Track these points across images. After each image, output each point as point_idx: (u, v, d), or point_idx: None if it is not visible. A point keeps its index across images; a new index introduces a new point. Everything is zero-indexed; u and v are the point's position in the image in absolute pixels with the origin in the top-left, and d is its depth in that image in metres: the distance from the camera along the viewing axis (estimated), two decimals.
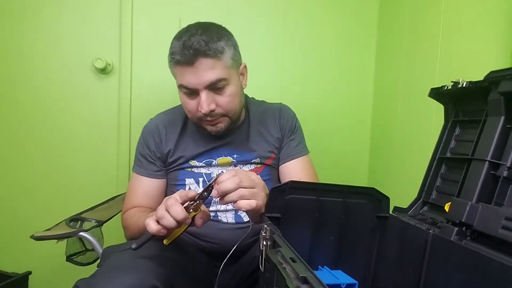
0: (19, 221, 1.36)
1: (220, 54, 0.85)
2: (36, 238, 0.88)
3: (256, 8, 1.42)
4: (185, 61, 0.84)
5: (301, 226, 0.69)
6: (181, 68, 0.86)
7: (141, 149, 1.02)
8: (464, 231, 0.55)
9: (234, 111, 0.93)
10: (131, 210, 0.97)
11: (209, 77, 0.85)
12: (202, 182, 0.97)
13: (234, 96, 0.91)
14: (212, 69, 0.85)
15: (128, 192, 1.03)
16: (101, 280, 0.64)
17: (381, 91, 1.47)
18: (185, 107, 0.93)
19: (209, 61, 0.84)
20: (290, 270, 0.42)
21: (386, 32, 1.45)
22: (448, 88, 0.67)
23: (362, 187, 0.71)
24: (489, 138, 0.58)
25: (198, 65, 0.84)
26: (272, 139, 1.03)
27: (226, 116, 0.92)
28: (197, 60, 0.83)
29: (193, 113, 0.91)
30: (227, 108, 0.90)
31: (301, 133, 1.08)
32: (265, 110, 1.07)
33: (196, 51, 0.83)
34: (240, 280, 0.91)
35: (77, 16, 1.33)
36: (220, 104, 0.89)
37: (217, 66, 0.85)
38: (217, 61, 0.85)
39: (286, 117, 1.06)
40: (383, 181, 1.43)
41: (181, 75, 0.87)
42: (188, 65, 0.84)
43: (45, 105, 1.34)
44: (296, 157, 1.03)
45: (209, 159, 0.98)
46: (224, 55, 0.86)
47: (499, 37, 0.88)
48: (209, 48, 0.83)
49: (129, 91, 1.36)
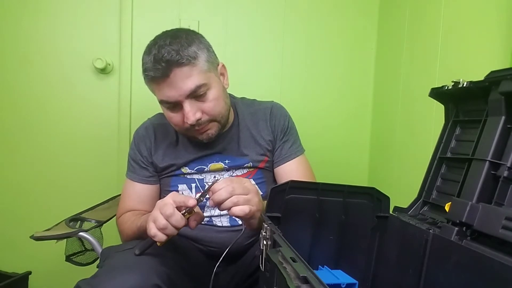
0: (19, 221, 1.36)
1: (193, 60, 0.82)
2: (36, 238, 0.88)
3: (256, 8, 1.42)
4: (160, 76, 0.81)
5: (301, 226, 0.69)
6: (157, 84, 0.83)
7: (133, 155, 1.00)
8: (464, 231, 0.55)
9: (222, 114, 0.90)
10: (125, 215, 0.96)
11: (187, 86, 0.82)
12: (195, 187, 0.96)
13: (218, 100, 0.88)
14: (188, 77, 0.82)
15: (122, 197, 1.02)
16: (103, 280, 0.63)
17: (381, 91, 1.47)
18: (171, 121, 0.90)
19: (184, 70, 0.81)
20: (290, 270, 0.42)
21: (386, 32, 1.45)
22: (449, 88, 0.67)
23: (362, 187, 0.71)
24: (489, 138, 0.58)
25: (173, 76, 0.81)
26: (264, 142, 1.00)
27: (214, 121, 0.90)
28: (172, 71, 0.80)
29: (180, 125, 0.89)
30: (213, 113, 0.88)
31: (294, 132, 1.05)
32: (255, 111, 1.03)
33: (168, 62, 0.79)
34: (240, 281, 0.91)
35: (77, 16, 1.33)
36: (206, 110, 0.86)
37: (194, 73, 0.82)
38: (192, 67, 0.82)
39: (278, 117, 1.02)
40: (383, 181, 1.43)
41: (159, 90, 0.84)
42: (163, 78, 0.81)
43: (45, 105, 1.34)
44: (291, 159, 1.01)
45: (201, 166, 0.97)
46: (198, 60, 0.83)
47: (499, 37, 0.88)
48: (181, 56, 0.80)
49: (129, 91, 1.35)
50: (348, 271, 0.68)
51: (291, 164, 1.01)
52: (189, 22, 1.36)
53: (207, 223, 0.94)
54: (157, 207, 0.70)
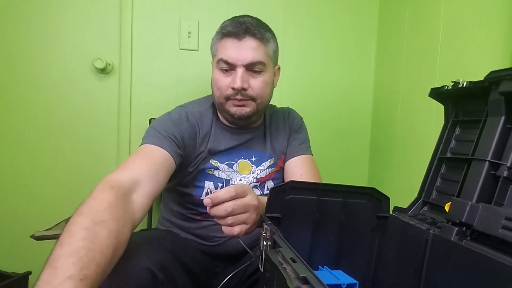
0: (19, 221, 1.36)
1: (266, 41, 0.89)
2: (36, 238, 0.88)
3: (256, 9, 1.41)
4: (235, 33, 0.86)
5: (301, 226, 0.69)
6: (228, 41, 0.88)
7: (169, 126, 0.86)
8: (464, 231, 0.55)
9: (263, 99, 0.93)
10: (108, 188, 0.63)
11: (251, 56, 0.87)
12: (220, 188, 0.95)
13: (267, 84, 0.92)
14: (256, 50, 0.87)
15: (128, 159, 0.77)
16: None
17: (381, 91, 1.48)
18: (216, 84, 0.91)
19: (255, 42, 0.87)
20: (290, 271, 0.42)
21: (386, 32, 1.45)
22: (449, 88, 0.67)
23: (362, 187, 0.71)
24: (489, 138, 0.58)
25: (244, 42, 0.87)
26: (282, 140, 1.05)
27: (254, 101, 0.91)
28: (245, 37, 0.87)
29: (223, 90, 0.90)
30: (258, 92, 0.90)
31: (305, 134, 1.09)
32: (276, 111, 1.09)
33: (247, 29, 0.87)
34: (240, 281, 0.91)
35: (77, 16, 1.33)
36: (253, 86, 0.89)
37: (261, 49, 0.88)
38: (262, 45, 0.88)
39: (293, 118, 1.09)
40: (383, 181, 1.43)
41: (225, 49, 0.88)
42: (236, 38, 0.87)
43: (45, 105, 1.34)
44: (299, 154, 1.03)
45: (230, 161, 0.96)
46: (269, 44, 0.91)
47: (499, 37, 0.88)
48: (258, 31, 0.88)
49: (129, 91, 1.35)
50: (348, 271, 0.68)
51: (298, 159, 1.03)
52: (189, 22, 1.36)
53: (209, 219, 0.94)
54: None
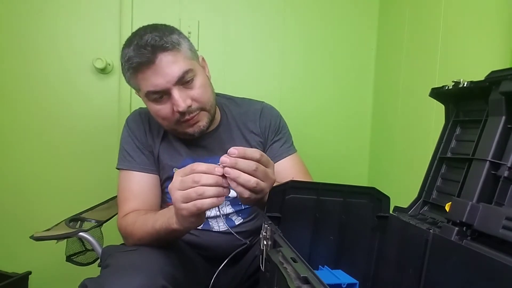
0: (19, 221, 1.36)
1: (177, 45, 0.81)
2: (36, 239, 0.88)
3: (256, 9, 1.42)
4: (145, 61, 0.78)
5: (301, 226, 0.69)
6: (143, 73, 0.79)
7: (127, 141, 0.91)
8: (464, 231, 0.55)
9: (210, 102, 0.88)
10: (129, 215, 0.84)
11: (175, 72, 0.79)
12: None
13: (205, 87, 0.86)
14: (174, 63, 0.79)
15: (120, 194, 0.90)
16: (110, 279, 0.62)
17: (381, 91, 1.47)
18: (159, 115, 0.85)
19: (169, 55, 0.79)
20: (291, 270, 0.42)
21: (386, 32, 1.45)
22: (449, 88, 0.67)
23: (363, 187, 0.71)
24: (489, 138, 0.57)
25: (159, 62, 0.78)
26: (254, 142, 0.98)
27: (204, 109, 0.86)
28: (157, 57, 0.78)
29: (169, 118, 0.84)
30: (203, 100, 0.85)
31: (287, 132, 1.03)
32: (245, 111, 1.01)
33: (154, 47, 0.77)
34: (241, 281, 0.91)
35: (77, 16, 1.33)
36: (195, 97, 0.83)
37: (179, 58, 0.80)
38: (176, 53, 0.80)
39: (268, 117, 1.00)
40: (383, 181, 1.43)
41: (145, 80, 0.80)
42: (149, 65, 0.78)
43: (45, 105, 1.34)
44: (283, 157, 0.98)
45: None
46: (181, 47, 0.82)
47: (499, 37, 0.88)
48: (165, 41, 0.78)
49: (129, 91, 1.35)
50: (348, 271, 0.68)
51: (284, 162, 0.98)
52: (189, 22, 1.36)
53: (203, 227, 0.92)
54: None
